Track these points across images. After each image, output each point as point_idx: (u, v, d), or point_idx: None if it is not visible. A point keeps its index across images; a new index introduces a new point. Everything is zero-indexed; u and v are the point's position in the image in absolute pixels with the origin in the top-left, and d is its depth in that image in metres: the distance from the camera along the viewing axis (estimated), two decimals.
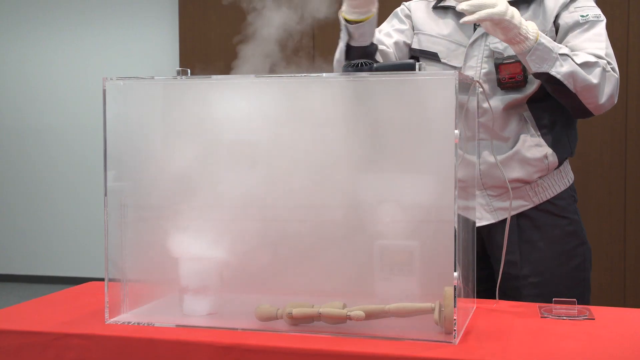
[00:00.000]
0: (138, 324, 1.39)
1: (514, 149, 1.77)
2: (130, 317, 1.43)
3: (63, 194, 6.09)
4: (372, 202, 1.39)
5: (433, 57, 1.85)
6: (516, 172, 1.77)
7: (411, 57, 1.92)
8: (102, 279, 1.46)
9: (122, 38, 5.91)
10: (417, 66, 1.30)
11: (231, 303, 1.49)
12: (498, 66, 1.74)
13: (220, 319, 1.43)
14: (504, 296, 1.69)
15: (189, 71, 1.46)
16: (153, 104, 1.55)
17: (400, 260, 1.36)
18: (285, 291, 1.44)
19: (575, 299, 1.45)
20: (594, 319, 1.41)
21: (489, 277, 1.82)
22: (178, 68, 1.48)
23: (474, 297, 1.56)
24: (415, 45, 1.89)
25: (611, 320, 1.41)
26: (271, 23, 1.62)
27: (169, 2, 5.73)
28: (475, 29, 1.81)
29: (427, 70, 1.32)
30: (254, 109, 1.47)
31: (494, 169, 1.76)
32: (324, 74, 1.39)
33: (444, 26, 1.86)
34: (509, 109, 1.77)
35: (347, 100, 1.45)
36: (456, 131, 1.24)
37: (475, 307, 1.51)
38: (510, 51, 1.73)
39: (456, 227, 1.25)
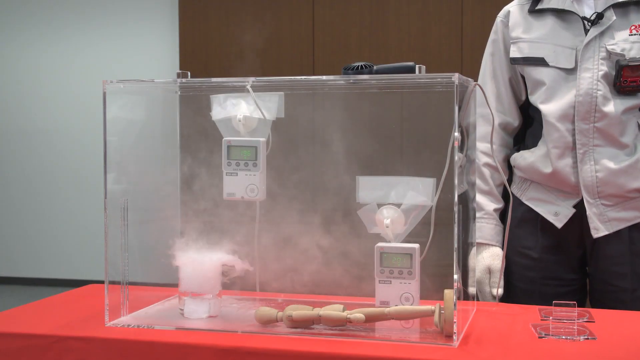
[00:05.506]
0: (138, 326, 1.39)
1: (635, 156, 1.70)
2: (130, 319, 1.43)
3: (64, 196, 6.09)
4: (373, 203, 1.39)
5: (539, 62, 1.75)
6: (637, 182, 1.70)
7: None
8: (103, 282, 1.46)
9: (123, 40, 5.91)
10: (417, 68, 1.30)
11: (231, 306, 1.49)
12: (622, 68, 1.65)
13: (220, 321, 1.43)
14: (603, 307, 1.64)
15: (188, 74, 1.46)
16: (153, 106, 1.55)
17: (400, 262, 1.36)
18: (285, 294, 1.44)
19: (575, 302, 1.45)
20: (594, 322, 1.41)
21: (583, 288, 1.80)
22: (178, 70, 1.49)
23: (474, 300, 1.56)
24: (515, 54, 1.79)
25: (611, 323, 1.41)
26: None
27: (169, 4, 5.73)
28: (585, 29, 1.71)
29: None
30: (253, 111, 1.48)
31: (615, 176, 1.69)
32: (324, 77, 1.39)
33: (544, 29, 1.76)
34: (627, 113, 1.69)
35: (348, 102, 1.45)
36: (456, 133, 1.24)
37: (475, 310, 1.51)
38: (632, 53, 1.66)
39: (456, 228, 1.25)
